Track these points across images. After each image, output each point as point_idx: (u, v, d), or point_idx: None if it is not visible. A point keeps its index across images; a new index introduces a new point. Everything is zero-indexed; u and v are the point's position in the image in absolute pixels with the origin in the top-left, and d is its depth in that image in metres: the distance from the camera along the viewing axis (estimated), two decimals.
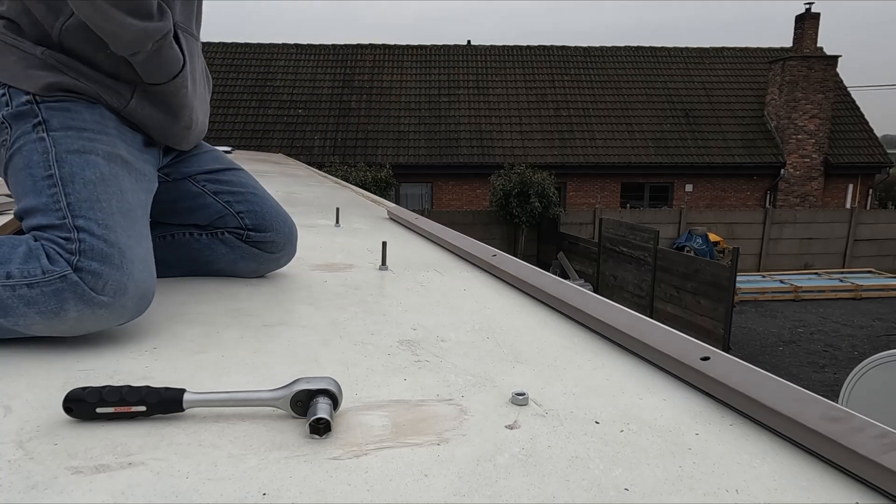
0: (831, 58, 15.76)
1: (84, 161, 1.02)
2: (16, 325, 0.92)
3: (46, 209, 0.98)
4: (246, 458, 0.65)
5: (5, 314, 0.91)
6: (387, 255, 1.64)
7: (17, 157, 1.04)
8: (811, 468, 0.66)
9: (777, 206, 15.49)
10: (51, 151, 1.02)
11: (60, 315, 0.91)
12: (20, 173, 1.03)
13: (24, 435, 0.68)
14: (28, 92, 1.05)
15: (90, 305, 0.92)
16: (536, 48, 17.85)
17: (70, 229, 0.95)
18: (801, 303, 11.34)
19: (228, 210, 1.35)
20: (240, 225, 1.35)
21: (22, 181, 1.02)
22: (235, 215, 1.35)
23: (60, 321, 0.92)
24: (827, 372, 7.67)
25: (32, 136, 1.03)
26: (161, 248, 1.35)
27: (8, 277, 0.91)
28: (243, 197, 1.37)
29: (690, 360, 0.86)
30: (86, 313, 0.92)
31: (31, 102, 1.05)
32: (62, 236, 0.95)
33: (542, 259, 13.36)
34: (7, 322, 0.92)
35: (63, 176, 0.99)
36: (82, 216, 0.96)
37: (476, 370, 0.92)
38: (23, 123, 1.04)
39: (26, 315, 0.91)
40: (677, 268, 8.99)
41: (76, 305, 0.91)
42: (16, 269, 0.91)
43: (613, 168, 15.51)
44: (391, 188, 13.55)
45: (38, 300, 0.90)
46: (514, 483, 0.61)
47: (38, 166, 1.01)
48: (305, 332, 1.07)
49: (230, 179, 1.38)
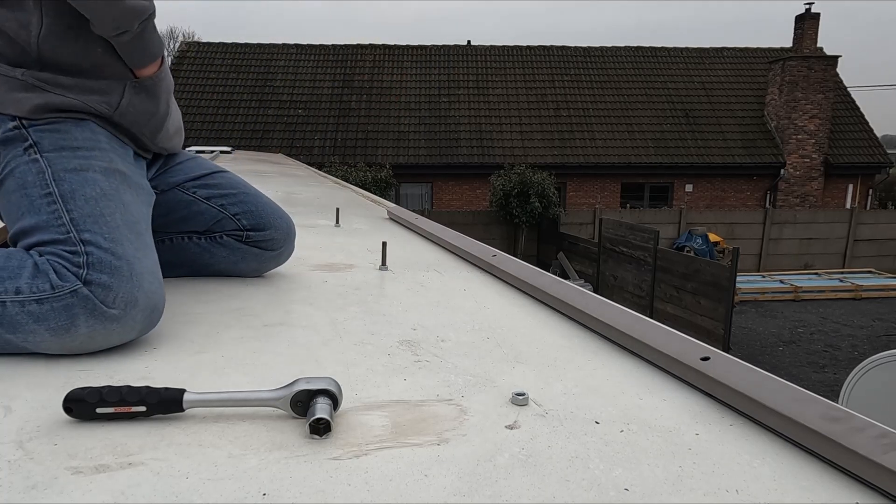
0: (831, 58, 15.76)
1: (82, 179, 0.99)
2: (25, 342, 0.90)
3: (48, 226, 0.95)
4: (246, 458, 0.65)
5: (14, 330, 0.88)
6: (387, 255, 1.64)
7: (9, 180, 1.00)
8: (811, 468, 0.66)
9: (777, 206, 15.49)
10: (47, 171, 0.99)
11: (71, 331, 0.89)
12: (14, 195, 0.99)
13: (24, 435, 0.68)
14: (14, 117, 1.02)
15: (101, 320, 0.90)
16: (536, 48, 17.85)
17: (76, 243, 0.93)
18: (801, 303, 11.35)
19: (224, 213, 1.34)
20: (238, 227, 1.34)
21: (17, 202, 0.99)
22: (232, 218, 1.34)
23: (71, 338, 0.89)
24: (827, 372, 7.67)
25: (25, 159, 1.00)
26: (160, 251, 1.34)
27: (17, 293, 0.89)
28: (236, 198, 1.35)
29: (690, 360, 0.86)
30: (97, 328, 0.90)
31: (18, 127, 1.01)
32: (68, 250, 0.92)
33: (542, 259, 13.36)
34: (16, 339, 0.89)
35: (63, 193, 0.97)
36: (87, 230, 0.94)
37: (476, 370, 0.92)
38: (13, 148, 1.01)
39: (35, 332, 0.88)
40: (677, 268, 9.00)
41: (87, 321, 0.89)
42: (24, 285, 0.89)
43: (613, 168, 15.51)
44: (391, 188, 13.55)
45: (48, 316, 0.88)
46: (514, 483, 0.61)
47: (34, 186, 0.98)
48: (305, 332, 1.07)
49: (219, 182, 1.36)
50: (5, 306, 0.88)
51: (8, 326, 0.88)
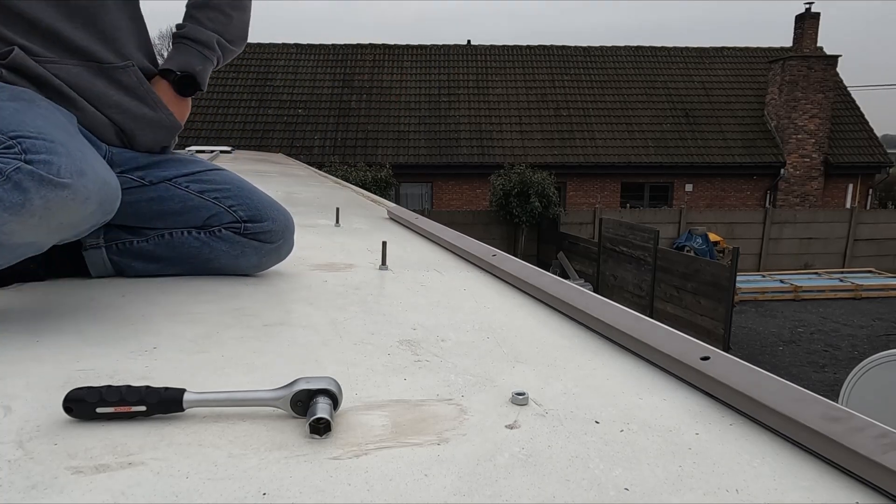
0: (831, 58, 15.76)
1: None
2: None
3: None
4: (246, 458, 0.65)
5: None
6: (387, 254, 1.64)
7: None
8: (811, 468, 0.66)
9: (777, 206, 15.49)
10: None
11: (27, 206, 0.91)
12: None
13: (24, 435, 0.68)
14: None
15: (51, 188, 0.92)
16: (536, 48, 17.85)
17: (4, 140, 0.95)
18: (801, 303, 11.35)
19: (220, 206, 1.35)
20: (235, 219, 1.36)
21: None
22: (228, 210, 1.35)
23: (29, 213, 0.92)
24: (827, 372, 7.67)
25: None
26: (160, 246, 1.35)
27: None
28: (230, 192, 1.37)
29: (690, 359, 0.86)
30: (51, 198, 0.92)
31: None
32: (1, 148, 0.94)
33: (542, 259, 13.36)
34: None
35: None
36: (13, 129, 0.96)
37: (476, 370, 0.92)
38: None
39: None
40: (677, 268, 9.00)
41: (38, 191, 0.91)
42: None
43: (613, 168, 15.51)
44: (391, 188, 13.55)
45: (2, 199, 0.90)
46: (514, 483, 0.61)
47: None
48: (305, 332, 1.07)
49: (213, 178, 1.38)
50: None
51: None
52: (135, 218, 1.33)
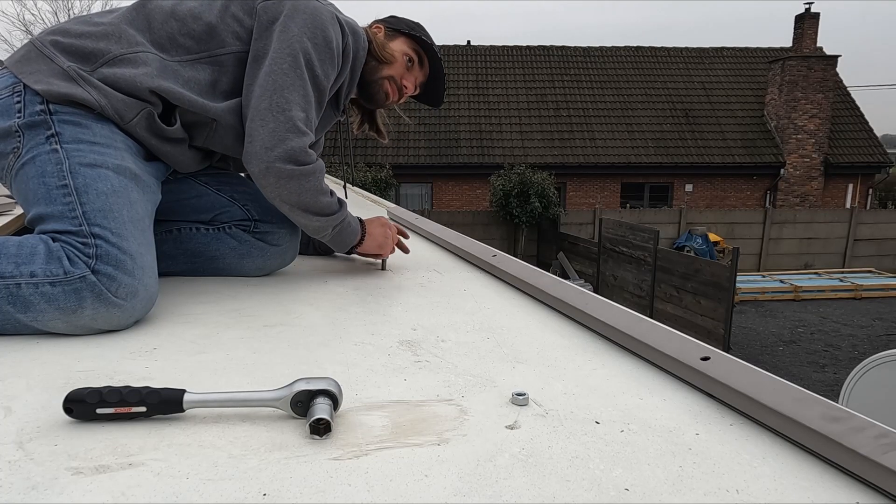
0: (831, 58, 15.77)
1: (96, 174, 1.08)
2: (34, 321, 0.98)
3: (62, 216, 1.04)
4: (246, 459, 0.65)
5: (26, 310, 0.97)
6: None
7: (29, 166, 1.08)
8: (811, 468, 0.66)
9: (777, 206, 15.50)
10: (64, 163, 1.07)
11: (77, 312, 0.98)
12: (32, 181, 1.07)
13: (25, 435, 0.68)
14: (43, 100, 1.09)
15: (105, 305, 1.00)
16: (536, 48, 17.85)
17: (87, 236, 1.02)
18: (801, 303, 11.35)
19: (234, 203, 1.41)
20: (246, 217, 1.40)
21: (34, 189, 1.07)
22: (241, 207, 1.41)
23: (77, 317, 0.99)
24: (827, 372, 7.68)
25: (46, 148, 1.08)
26: (167, 242, 1.38)
27: (32, 276, 0.98)
28: (246, 191, 1.43)
29: (690, 360, 0.86)
30: (100, 311, 1.00)
31: (44, 112, 1.09)
32: (79, 241, 1.02)
33: (542, 259, 13.36)
34: (26, 318, 0.98)
35: (77, 186, 1.05)
36: (97, 224, 1.03)
37: (476, 370, 0.92)
38: (35, 134, 1.09)
39: (45, 311, 0.98)
40: (677, 268, 9.00)
41: (93, 304, 0.99)
42: (39, 269, 0.98)
43: (613, 168, 15.51)
44: (391, 188, 13.55)
45: (58, 298, 0.97)
46: (514, 483, 0.61)
47: (51, 176, 1.06)
48: (305, 332, 1.07)
49: (232, 180, 1.45)
50: (20, 288, 0.97)
51: (20, 306, 0.97)
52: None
